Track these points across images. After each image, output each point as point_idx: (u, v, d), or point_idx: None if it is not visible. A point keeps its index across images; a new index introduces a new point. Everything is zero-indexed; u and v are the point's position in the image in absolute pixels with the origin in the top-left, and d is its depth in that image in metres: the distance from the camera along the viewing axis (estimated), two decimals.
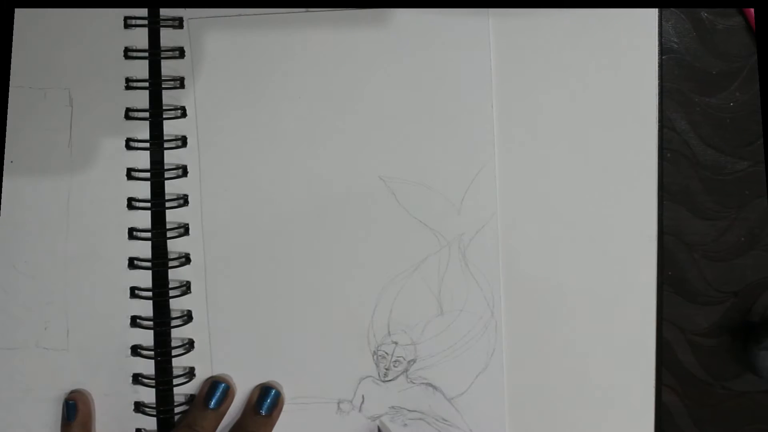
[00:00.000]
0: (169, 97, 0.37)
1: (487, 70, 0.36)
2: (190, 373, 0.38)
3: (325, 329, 0.38)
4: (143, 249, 0.37)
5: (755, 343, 0.37)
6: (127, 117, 0.37)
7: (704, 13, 0.37)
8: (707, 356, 0.38)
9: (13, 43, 0.37)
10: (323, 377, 0.38)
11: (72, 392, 0.38)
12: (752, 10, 0.36)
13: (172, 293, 0.37)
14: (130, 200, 0.37)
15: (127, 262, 0.37)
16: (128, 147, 0.37)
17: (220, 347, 0.38)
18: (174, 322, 0.37)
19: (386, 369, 0.37)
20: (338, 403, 0.38)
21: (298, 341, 0.37)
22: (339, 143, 0.37)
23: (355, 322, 0.37)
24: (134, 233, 0.37)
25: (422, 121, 0.37)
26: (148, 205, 0.37)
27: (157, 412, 0.37)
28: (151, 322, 0.37)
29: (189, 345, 0.38)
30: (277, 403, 0.37)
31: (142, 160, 0.37)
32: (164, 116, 0.37)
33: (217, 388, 0.37)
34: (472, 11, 0.37)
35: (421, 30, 0.37)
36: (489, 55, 0.36)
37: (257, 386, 0.38)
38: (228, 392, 0.37)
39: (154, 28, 0.37)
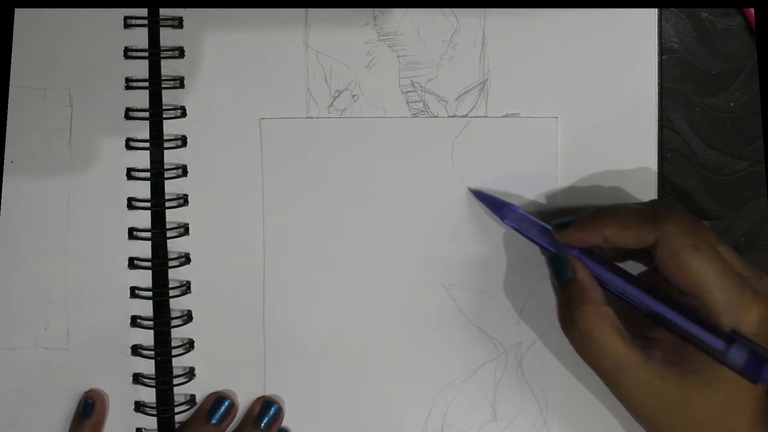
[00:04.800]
0: (169, 97, 0.37)
1: (554, 181, 0.37)
2: (191, 373, 0.38)
3: (379, 430, 0.38)
4: (143, 249, 0.37)
5: None
6: (127, 117, 0.37)
7: (704, 13, 0.37)
8: None
9: (13, 43, 0.37)
10: None
11: (90, 391, 0.38)
12: (752, 10, 0.36)
13: (172, 293, 0.37)
14: (130, 200, 0.37)
15: (127, 262, 0.37)
16: (128, 147, 0.37)
17: None
18: (174, 322, 0.37)
19: None
20: None
21: None
22: (402, 250, 0.37)
23: (409, 424, 0.38)
24: (134, 233, 0.37)
25: (483, 230, 0.37)
26: (148, 205, 0.37)
27: (157, 411, 0.38)
28: (151, 322, 0.37)
29: (189, 345, 0.38)
30: (278, 418, 0.37)
31: (142, 160, 0.37)
32: (164, 116, 0.37)
33: (221, 404, 0.37)
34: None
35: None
36: (556, 165, 0.37)
37: (259, 398, 0.38)
38: (231, 410, 0.37)
39: (153, 27, 0.37)
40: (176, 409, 0.38)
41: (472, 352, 0.37)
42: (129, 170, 0.37)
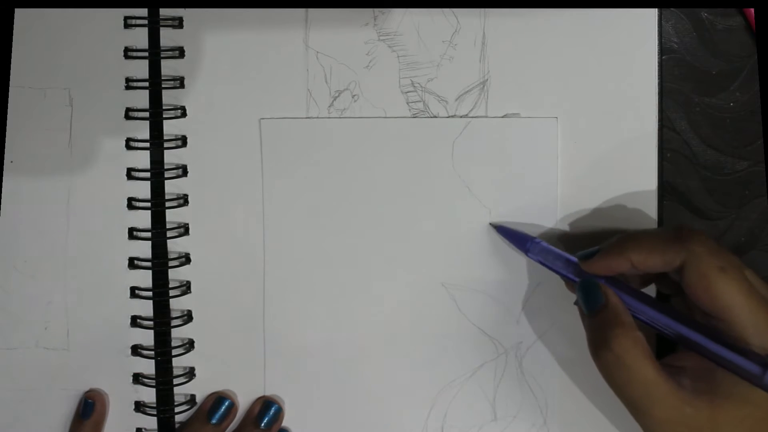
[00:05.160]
0: (169, 97, 0.37)
1: (554, 181, 0.37)
2: (191, 373, 0.38)
3: (379, 430, 0.38)
4: (143, 249, 0.37)
5: None
6: (127, 117, 0.37)
7: (704, 13, 0.37)
8: None
9: (13, 43, 0.37)
10: None
11: (90, 390, 0.38)
12: (752, 10, 0.36)
13: (172, 293, 0.37)
14: (130, 200, 0.37)
15: (127, 262, 0.37)
16: (128, 147, 0.37)
17: None
18: (174, 322, 0.37)
19: None
20: None
21: None
22: (402, 250, 0.37)
23: (409, 424, 0.38)
24: (134, 233, 0.37)
25: (483, 230, 0.37)
26: (148, 205, 0.37)
27: (158, 411, 0.38)
28: (151, 322, 0.37)
29: (189, 345, 0.38)
30: (278, 418, 0.37)
31: (142, 160, 0.37)
32: (164, 116, 0.37)
33: (221, 404, 0.37)
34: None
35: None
36: (556, 165, 0.37)
37: (259, 398, 0.38)
38: (231, 410, 0.37)
39: (154, 27, 0.37)
40: (176, 409, 0.38)
41: (472, 352, 0.37)
42: (129, 170, 0.37)
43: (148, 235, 0.37)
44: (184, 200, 0.37)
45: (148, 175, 0.37)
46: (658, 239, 0.31)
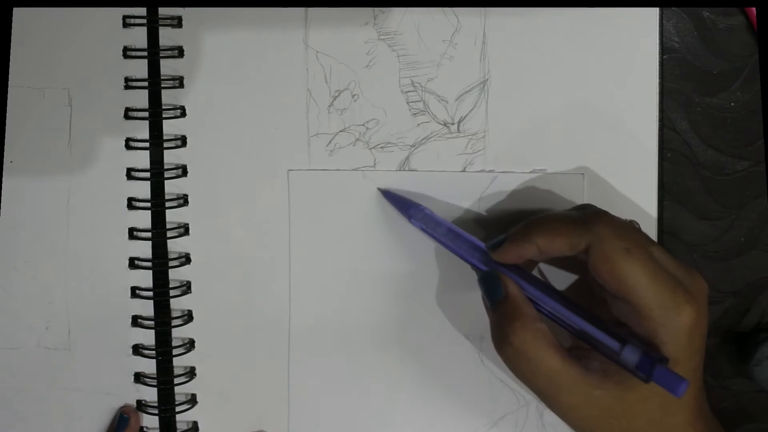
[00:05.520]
0: (168, 97, 0.37)
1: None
2: (191, 373, 0.38)
3: None
4: (143, 249, 0.38)
5: (750, 357, 0.36)
6: (127, 117, 0.37)
7: (705, 13, 0.37)
8: (706, 356, 0.38)
9: (13, 43, 0.37)
10: None
11: (125, 406, 0.38)
12: (754, 9, 0.36)
13: (172, 293, 0.37)
14: (130, 200, 0.37)
15: (127, 262, 0.38)
16: (128, 147, 0.37)
17: None
18: (174, 322, 0.38)
19: None
20: None
21: None
22: (422, 299, 0.37)
23: None
24: (134, 233, 0.37)
25: None
26: (148, 205, 0.37)
27: (159, 411, 0.38)
28: (152, 322, 0.38)
29: (189, 344, 0.38)
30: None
31: (142, 160, 0.37)
32: (164, 116, 0.37)
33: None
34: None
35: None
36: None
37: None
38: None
39: (153, 27, 0.37)
40: (177, 409, 0.38)
41: (494, 403, 0.37)
42: (129, 170, 0.37)
43: (148, 235, 0.37)
44: (184, 200, 0.37)
45: (148, 175, 0.37)
46: (563, 222, 0.30)
